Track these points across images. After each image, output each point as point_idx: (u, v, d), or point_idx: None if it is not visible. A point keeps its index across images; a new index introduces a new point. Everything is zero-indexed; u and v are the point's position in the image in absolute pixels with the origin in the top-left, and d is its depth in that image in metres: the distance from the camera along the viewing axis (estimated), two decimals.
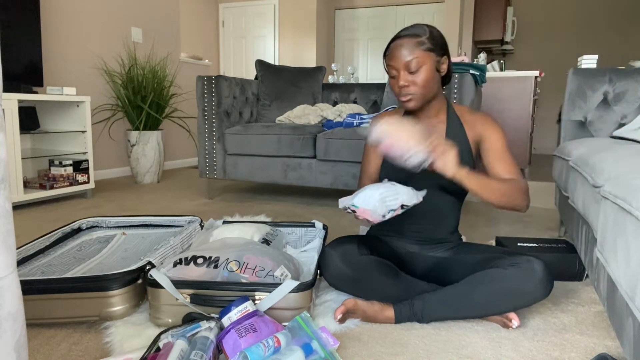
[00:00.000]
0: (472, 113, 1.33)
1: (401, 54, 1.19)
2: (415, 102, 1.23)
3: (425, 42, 1.20)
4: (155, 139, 3.44)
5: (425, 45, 1.20)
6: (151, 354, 0.95)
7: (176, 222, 1.81)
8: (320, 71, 3.25)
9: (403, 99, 1.23)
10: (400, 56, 1.19)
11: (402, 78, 1.20)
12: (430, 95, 1.24)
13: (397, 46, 1.20)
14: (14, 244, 0.58)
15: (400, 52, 1.20)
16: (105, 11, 3.62)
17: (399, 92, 1.23)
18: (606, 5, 6.23)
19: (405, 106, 1.24)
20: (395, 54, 1.20)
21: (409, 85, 1.21)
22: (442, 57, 1.23)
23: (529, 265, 1.11)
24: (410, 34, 1.20)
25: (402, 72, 1.20)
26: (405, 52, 1.19)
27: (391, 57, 1.22)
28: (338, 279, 1.24)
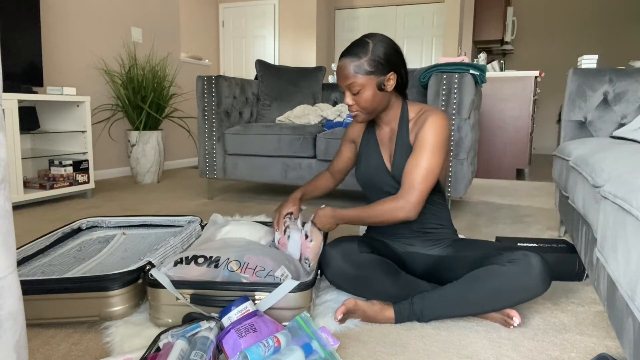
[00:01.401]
0: (421, 111, 1.29)
1: (341, 76, 1.23)
2: (363, 118, 1.29)
3: (363, 64, 1.19)
4: (155, 139, 3.44)
5: (363, 68, 1.19)
6: (151, 354, 0.95)
7: (176, 222, 1.81)
8: (320, 71, 3.25)
9: (351, 115, 1.30)
10: (341, 78, 1.23)
11: (346, 97, 1.25)
12: (378, 109, 1.28)
13: (339, 67, 1.24)
14: (14, 244, 0.58)
15: (341, 74, 1.23)
16: (105, 11, 3.62)
17: (348, 108, 1.28)
18: (606, 5, 6.23)
19: (356, 121, 1.31)
20: (338, 74, 1.25)
21: (352, 105, 1.25)
22: (388, 74, 1.21)
23: (526, 261, 1.12)
24: (351, 54, 1.21)
25: (346, 92, 1.25)
26: (345, 74, 1.22)
27: (336, 74, 1.26)
28: (339, 277, 1.25)
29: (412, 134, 1.29)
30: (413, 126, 1.30)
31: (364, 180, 1.40)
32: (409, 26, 5.89)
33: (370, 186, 1.39)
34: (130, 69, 3.46)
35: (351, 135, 1.48)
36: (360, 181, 1.42)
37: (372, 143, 1.38)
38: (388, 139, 1.35)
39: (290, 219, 1.45)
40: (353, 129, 1.48)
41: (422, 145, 1.22)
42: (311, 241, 1.36)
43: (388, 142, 1.35)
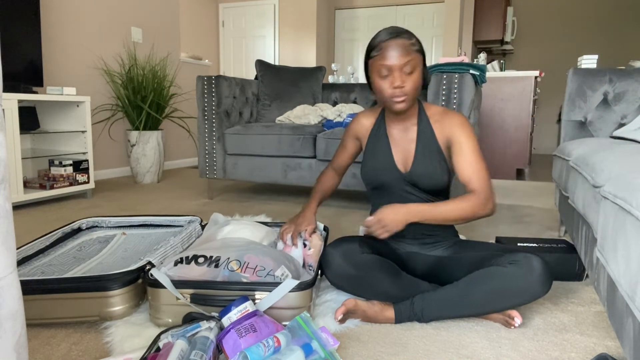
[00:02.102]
0: (443, 113, 1.31)
1: (399, 54, 1.18)
2: (407, 104, 1.23)
3: (416, 44, 1.21)
4: (155, 139, 3.44)
5: (416, 47, 1.21)
6: (151, 354, 0.95)
7: (176, 222, 1.81)
8: (320, 71, 3.25)
9: (398, 99, 1.21)
10: (398, 56, 1.18)
11: (398, 78, 1.19)
12: (417, 95, 1.26)
13: (394, 46, 1.18)
14: (14, 244, 0.58)
15: (398, 52, 1.18)
16: (105, 11, 3.62)
17: (392, 93, 1.21)
18: (606, 5, 6.23)
19: (398, 108, 1.23)
20: (392, 53, 1.19)
21: (404, 87, 1.20)
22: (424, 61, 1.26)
23: (527, 262, 1.12)
24: (403, 34, 1.20)
25: (398, 73, 1.19)
26: (403, 52, 1.18)
27: (386, 56, 1.19)
28: (340, 278, 1.25)
29: (441, 136, 1.28)
30: (439, 128, 1.29)
31: (370, 180, 1.36)
32: (409, 26, 5.88)
33: (377, 186, 1.35)
34: (130, 69, 3.46)
35: (356, 131, 1.44)
36: (367, 180, 1.38)
37: (383, 141, 1.34)
38: (403, 138, 1.32)
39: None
40: (359, 125, 1.43)
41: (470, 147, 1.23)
42: (310, 249, 1.37)
43: (402, 141, 1.32)
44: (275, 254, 1.28)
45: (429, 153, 1.28)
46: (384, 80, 1.21)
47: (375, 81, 1.23)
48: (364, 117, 1.42)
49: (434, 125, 1.30)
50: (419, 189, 1.30)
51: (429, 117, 1.31)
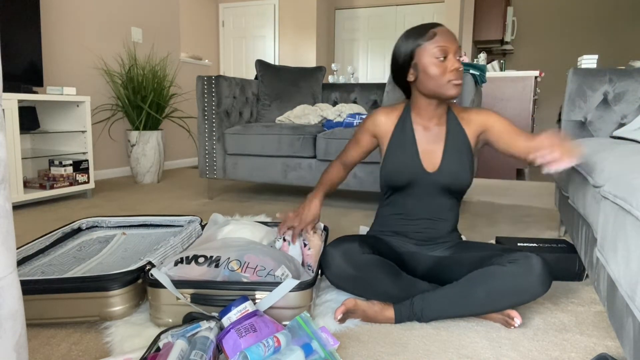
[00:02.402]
0: (467, 110, 1.35)
1: (452, 38, 1.22)
2: (460, 91, 1.24)
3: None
4: (155, 139, 3.44)
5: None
6: (151, 354, 0.95)
7: (176, 222, 1.81)
8: (320, 71, 3.25)
9: (457, 82, 1.21)
10: (453, 39, 1.22)
11: (455, 61, 1.21)
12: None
13: (446, 31, 1.22)
14: (14, 244, 0.58)
15: (452, 37, 1.22)
16: (105, 11, 3.62)
17: (449, 76, 1.20)
18: (606, 5, 6.23)
19: (454, 92, 1.22)
20: (449, 36, 1.21)
21: (461, 68, 1.21)
22: None
23: (527, 262, 1.12)
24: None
25: (453, 56, 1.21)
26: (454, 38, 1.23)
27: (445, 38, 1.20)
28: (340, 278, 1.24)
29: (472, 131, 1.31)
30: (469, 124, 1.31)
31: (393, 180, 1.31)
32: (409, 26, 5.85)
33: (400, 186, 1.32)
34: (130, 69, 3.46)
35: (374, 128, 1.37)
36: (389, 180, 1.33)
37: (408, 139, 1.31)
38: (430, 136, 1.31)
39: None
40: (378, 121, 1.36)
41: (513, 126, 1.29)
42: (309, 249, 1.37)
43: (429, 140, 1.31)
44: (275, 253, 1.28)
45: (458, 152, 1.29)
46: (440, 64, 1.21)
47: (428, 67, 1.21)
48: (385, 114, 1.36)
49: (462, 123, 1.32)
50: (443, 189, 1.30)
51: (457, 116, 1.33)
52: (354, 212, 2.54)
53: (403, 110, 1.36)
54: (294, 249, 1.37)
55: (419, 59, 1.23)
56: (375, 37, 6.07)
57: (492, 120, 1.30)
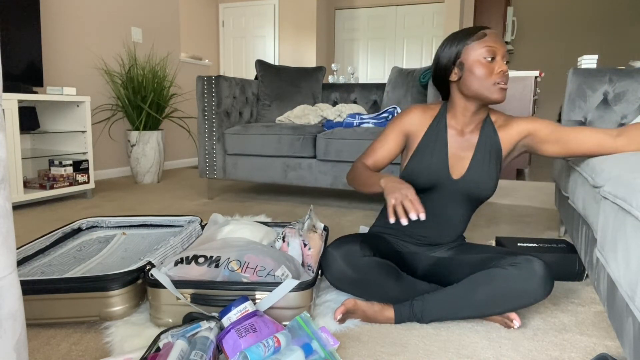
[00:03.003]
0: (507, 118, 1.31)
1: (502, 41, 1.20)
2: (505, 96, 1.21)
3: None
4: (155, 139, 3.44)
5: None
6: (151, 354, 0.95)
7: (176, 222, 1.81)
8: (320, 71, 3.25)
9: (503, 86, 1.19)
10: (502, 43, 1.20)
11: (503, 64, 1.19)
12: None
13: (496, 33, 1.21)
14: (14, 244, 0.58)
15: (501, 39, 1.21)
16: (105, 11, 3.62)
17: (496, 79, 1.18)
18: (606, 5, 6.23)
19: (500, 97, 1.19)
20: (498, 39, 1.20)
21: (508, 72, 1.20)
22: None
23: (529, 265, 1.11)
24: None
25: (501, 58, 1.19)
26: (503, 42, 1.21)
27: (495, 40, 1.19)
28: (340, 280, 1.24)
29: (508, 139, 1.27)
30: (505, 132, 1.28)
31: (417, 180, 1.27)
32: (409, 26, 5.89)
33: (421, 187, 1.28)
34: (130, 69, 3.46)
35: (408, 125, 1.31)
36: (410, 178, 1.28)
37: (441, 141, 1.28)
38: (461, 142, 1.28)
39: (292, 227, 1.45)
40: (414, 118, 1.31)
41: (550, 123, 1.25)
42: (309, 249, 1.36)
43: (459, 145, 1.28)
44: (275, 254, 1.28)
45: (487, 161, 1.26)
46: (487, 65, 1.18)
47: (475, 68, 1.18)
48: (421, 111, 1.31)
49: (499, 129, 1.29)
50: (464, 197, 1.28)
51: (494, 122, 1.30)
52: (354, 212, 2.54)
53: (439, 111, 1.31)
54: (294, 249, 1.37)
55: (465, 57, 1.20)
56: (375, 37, 6.07)
57: (534, 125, 1.25)
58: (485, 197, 1.28)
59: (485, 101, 1.22)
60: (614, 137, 1.20)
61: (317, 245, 1.38)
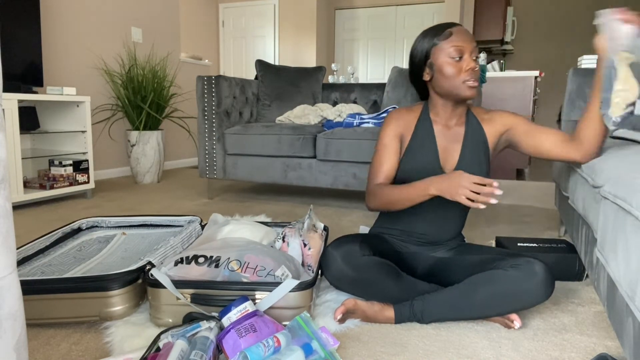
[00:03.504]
0: (488, 112, 1.35)
1: (470, 38, 1.21)
2: (476, 92, 1.23)
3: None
4: (155, 139, 3.44)
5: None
6: (151, 354, 0.95)
7: (176, 222, 1.81)
8: (320, 71, 3.25)
9: (472, 83, 1.20)
10: (470, 39, 1.21)
11: (471, 61, 1.20)
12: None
13: (463, 30, 1.21)
14: (14, 244, 0.58)
15: (469, 36, 1.21)
16: (105, 11, 3.62)
17: (465, 77, 1.19)
18: (606, 5, 6.23)
19: (470, 93, 1.21)
20: (465, 36, 1.21)
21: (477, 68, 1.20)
22: None
23: (529, 267, 1.11)
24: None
25: (469, 56, 1.20)
26: (472, 38, 1.22)
27: (461, 39, 1.20)
28: (339, 280, 1.24)
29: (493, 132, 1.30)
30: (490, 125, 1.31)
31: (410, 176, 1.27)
32: (409, 26, 5.89)
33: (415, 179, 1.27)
34: (130, 69, 3.46)
35: (398, 128, 1.31)
36: (405, 176, 1.29)
37: (429, 137, 1.30)
38: (448, 136, 1.30)
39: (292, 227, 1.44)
40: (402, 120, 1.32)
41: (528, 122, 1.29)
42: (309, 249, 1.36)
43: (447, 140, 1.30)
44: (275, 253, 1.28)
45: (476, 154, 1.29)
46: (455, 64, 1.20)
47: (443, 67, 1.21)
48: (406, 113, 1.33)
49: (482, 123, 1.32)
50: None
51: (476, 116, 1.33)
52: (354, 212, 2.54)
53: (421, 110, 1.33)
54: (294, 249, 1.37)
55: (434, 58, 1.23)
56: (375, 37, 6.07)
57: (513, 120, 1.30)
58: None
59: (457, 99, 1.24)
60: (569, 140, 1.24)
61: (317, 245, 1.38)
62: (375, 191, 1.25)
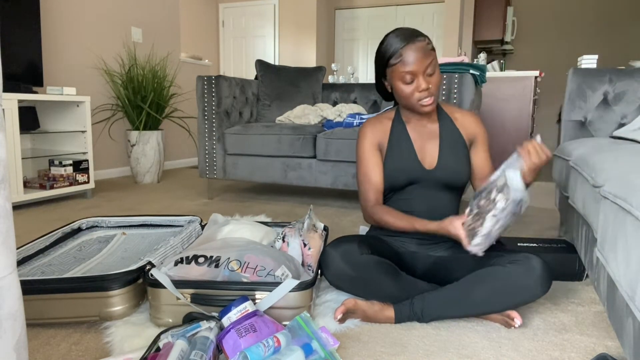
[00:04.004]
0: (460, 111, 1.38)
1: (421, 58, 1.20)
2: (434, 104, 1.26)
3: (430, 42, 1.23)
4: (155, 139, 3.44)
5: (431, 45, 1.23)
6: (151, 354, 0.95)
7: (176, 222, 1.81)
8: (320, 71, 3.25)
9: (427, 102, 1.24)
10: (421, 60, 1.20)
11: (423, 82, 1.21)
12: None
13: (414, 50, 1.19)
14: (14, 244, 0.58)
15: (419, 55, 1.20)
16: (105, 11, 3.62)
17: (419, 96, 1.23)
18: (606, 5, 6.23)
19: (426, 110, 1.26)
20: (414, 59, 1.20)
21: (429, 89, 1.22)
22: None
23: (527, 262, 1.12)
24: (419, 35, 1.22)
25: (422, 77, 1.21)
26: (423, 55, 1.20)
27: (409, 62, 1.20)
28: (339, 279, 1.24)
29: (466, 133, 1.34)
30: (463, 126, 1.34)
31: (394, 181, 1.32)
32: (409, 26, 5.88)
33: (401, 186, 1.33)
34: (130, 69, 3.46)
35: (374, 138, 1.35)
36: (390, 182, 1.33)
37: (404, 138, 1.34)
38: (425, 136, 1.33)
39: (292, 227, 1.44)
40: (376, 131, 1.35)
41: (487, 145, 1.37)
42: (309, 249, 1.36)
43: (424, 139, 1.33)
44: (275, 253, 1.28)
45: (455, 149, 1.32)
46: (409, 85, 1.23)
47: (398, 87, 1.25)
48: (379, 123, 1.37)
49: (456, 123, 1.35)
50: (443, 185, 1.32)
51: (449, 115, 1.36)
52: (354, 212, 2.54)
53: (394, 115, 1.39)
54: (294, 249, 1.37)
55: (389, 77, 1.27)
56: (375, 37, 6.07)
57: (480, 133, 1.35)
58: (462, 183, 1.34)
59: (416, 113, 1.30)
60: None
61: (317, 245, 1.38)
62: (374, 214, 1.31)
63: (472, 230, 1.12)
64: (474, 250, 1.12)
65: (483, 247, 1.11)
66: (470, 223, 1.13)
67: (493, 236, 1.10)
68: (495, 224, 1.08)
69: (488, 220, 1.08)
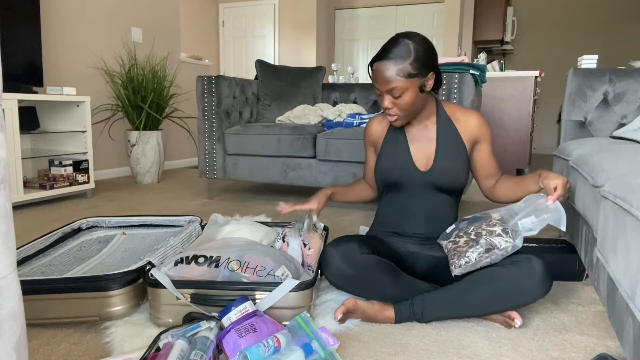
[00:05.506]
0: (463, 111, 1.35)
1: (382, 79, 1.19)
2: (401, 122, 1.28)
3: (407, 68, 1.17)
4: (155, 139, 3.44)
5: (406, 72, 1.17)
6: (151, 354, 0.95)
7: (176, 222, 1.81)
8: (320, 71, 3.25)
9: (390, 118, 1.27)
10: (381, 82, 1.20)
11: (385, 101, 1.23)
12: (416, 111, 1.28)
13: (378, 71, 1.19)
14: (14, 244, 0.58)
15: (381, 77, 1.19)
16: (105, 11, 3.62)
17: (385, 110, 1.26)
18: (606, 5, 6.23)
19: (393, 124, 1.29)
20: (377, 78, 1.20)
21: (392, 108, 1.23)
22: (428, 74, 1.22)
23: (528, 264, 1.12)
24: (392, 57, 1.17)
25: (386, 96, 1.22)
26: (386, 78, 1.18)
27: (374, 78, 1.22)
28: (339, 278, 1.24)
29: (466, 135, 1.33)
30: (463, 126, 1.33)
31: (384, 178, 1.36)
32: (409, 26, 5.88)
33: (392, 184, 1.36)
34: (130, 69, 3.46)
35: (371, 137, 1.44)
36: (381, 177, 1.37)
37: (400, 140, 1.36)
38: (422, 137, 1.34)
39: (292, 227, 1.44)
40: (372, 130, 1.43)
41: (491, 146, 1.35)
42: (309, 249, 1.36)
43: (421, 140, 1.34)
44: (275, 253, 1.28)
45: (452, 151, 1.31)
46: (379, 97, 1.26)
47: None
48: (376, 122, 1.43)
49: (456, 124, 1.33)
50: (437, 187, 1.32)
51: (450, 116, 1.34)
52: (354, 212, 2.54)
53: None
54: (294, 249, 1.37)
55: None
56: (375, 37, 6.07)
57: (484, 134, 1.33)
58: (458, 187, 1.33)
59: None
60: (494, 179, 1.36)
61: (317, 245, 1.38)
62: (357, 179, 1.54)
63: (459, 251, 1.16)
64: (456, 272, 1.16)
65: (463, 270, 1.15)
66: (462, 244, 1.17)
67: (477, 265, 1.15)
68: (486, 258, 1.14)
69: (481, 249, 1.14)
